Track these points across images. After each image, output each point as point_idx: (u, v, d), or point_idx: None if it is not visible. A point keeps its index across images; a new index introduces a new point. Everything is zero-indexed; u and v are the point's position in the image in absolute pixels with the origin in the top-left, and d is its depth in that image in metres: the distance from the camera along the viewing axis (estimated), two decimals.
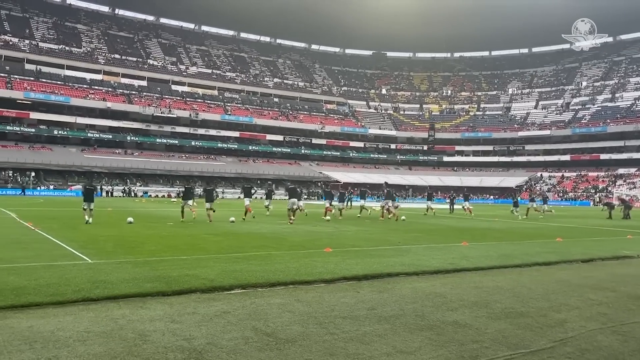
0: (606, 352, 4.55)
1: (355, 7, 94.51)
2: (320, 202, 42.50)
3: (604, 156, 79.60)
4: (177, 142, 77.34)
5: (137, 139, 74.90)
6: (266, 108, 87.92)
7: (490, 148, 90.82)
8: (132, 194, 60.28)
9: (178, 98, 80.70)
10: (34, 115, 67.59)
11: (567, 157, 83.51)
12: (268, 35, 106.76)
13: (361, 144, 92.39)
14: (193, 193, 21.01)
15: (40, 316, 5.24)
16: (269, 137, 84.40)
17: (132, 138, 74.52)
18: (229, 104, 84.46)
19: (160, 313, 5.47)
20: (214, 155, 78.44)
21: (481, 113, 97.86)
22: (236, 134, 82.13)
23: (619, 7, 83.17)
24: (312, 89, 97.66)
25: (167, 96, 79.54)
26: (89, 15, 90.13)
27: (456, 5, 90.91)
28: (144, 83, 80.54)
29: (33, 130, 67.68)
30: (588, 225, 22.88)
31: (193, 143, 78.66)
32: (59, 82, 72.17)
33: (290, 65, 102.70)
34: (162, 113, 75.38)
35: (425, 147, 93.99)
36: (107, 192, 58.86)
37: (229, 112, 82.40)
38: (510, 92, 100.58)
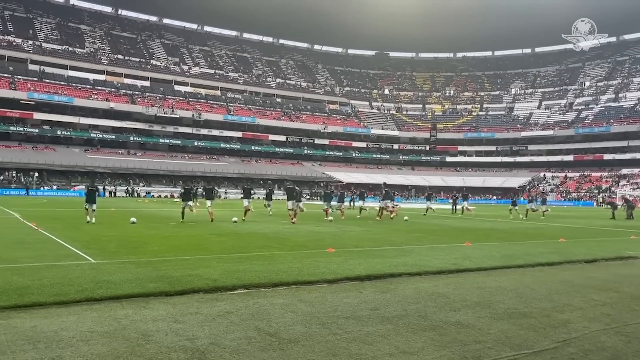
0: (609, 352, 4.53)
1: (358, 7, 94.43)
2: (321, 202, 42.47)
3: (607, 156, 79.37)
4: (179, 142, 77.47)
5: (140, 139, 75.05)
6: (269, 108, 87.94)
7: (493, 148, 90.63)
8: (135, 194, 60.36)
9: (181, 98, 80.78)
10: (38, 116, 67.86)
11: (570, 158, 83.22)
12: (270, 36, 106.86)
13: (364, 144, 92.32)
14: (193, 193, 21.11)
15: (44, 316, 5.25)
16: (272, 137, 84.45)
17: (135, 138, 74.67)
18: (231, 104, 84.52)
19: (163, 313, 5.47)
20: (216, 156, 78.54)
21: (484, 113, 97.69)
22: (239, 134, 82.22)
23: (622, 7, 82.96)
24: (314, 89, 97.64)
25: (169, 96, 79.62)
26: (92, 15, 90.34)
27: (459, 6, 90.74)
28: (147, 83, 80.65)
29: (36, 130, 67.93)
30: (591, 225, 22.81)
31: (196, 143, 78.79)
32: (62, 83, 72.35)
33: (292, 65, 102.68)
34: (164, 113, 75.48)
35: (428, 148, 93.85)
36: (110, 192, 58.97)
37: (232, 113, 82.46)
38: (513, 92, 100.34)
